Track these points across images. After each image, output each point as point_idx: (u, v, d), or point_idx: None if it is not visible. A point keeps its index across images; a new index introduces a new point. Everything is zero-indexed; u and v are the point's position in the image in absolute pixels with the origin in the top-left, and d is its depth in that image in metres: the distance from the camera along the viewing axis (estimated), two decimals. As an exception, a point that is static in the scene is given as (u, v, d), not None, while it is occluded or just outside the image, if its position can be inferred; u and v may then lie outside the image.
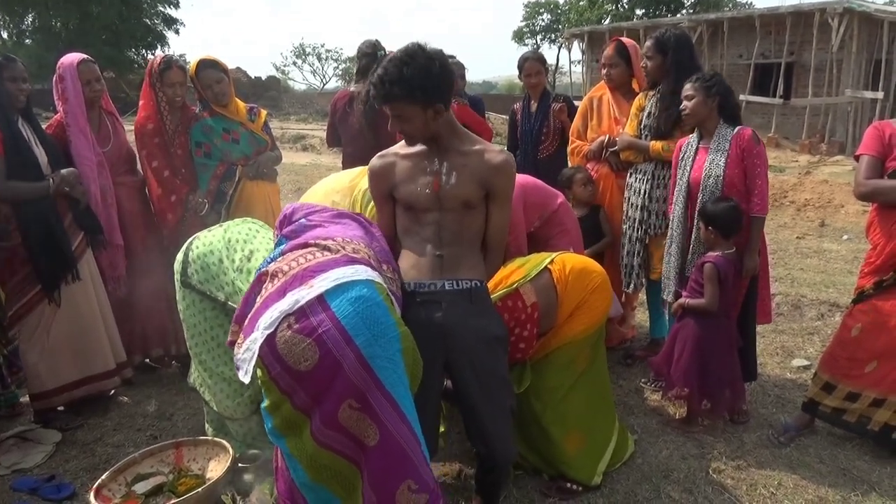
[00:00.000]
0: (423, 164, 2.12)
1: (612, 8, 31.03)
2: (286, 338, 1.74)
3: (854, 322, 2.87)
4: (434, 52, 2.00)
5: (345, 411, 1.77)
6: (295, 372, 1.75)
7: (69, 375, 3.17)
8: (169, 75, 3.52)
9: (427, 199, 2.10)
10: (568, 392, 2.64)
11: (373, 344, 1.76)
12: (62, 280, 3.07)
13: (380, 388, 1.78)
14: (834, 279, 5.57)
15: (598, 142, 3.63)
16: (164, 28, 31.12)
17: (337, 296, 1.76)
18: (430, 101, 1.99)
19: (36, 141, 3.07)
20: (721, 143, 2.98)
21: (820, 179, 10.06)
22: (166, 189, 3.59)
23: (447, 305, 2.08)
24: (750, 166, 2.95)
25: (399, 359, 1.83)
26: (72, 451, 3.02)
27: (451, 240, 2.11)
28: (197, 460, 2.70)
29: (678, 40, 3.36)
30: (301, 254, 1.93)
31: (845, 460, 2.86)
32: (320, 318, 1.73)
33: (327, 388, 1.76)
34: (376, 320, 1.77)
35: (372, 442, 1.80)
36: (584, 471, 2.63)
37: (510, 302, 2.46)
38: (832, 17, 14.75)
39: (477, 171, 2.08)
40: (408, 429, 1.83)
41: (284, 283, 1.82)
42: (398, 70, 1.94)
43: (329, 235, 2.01)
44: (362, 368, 1.75)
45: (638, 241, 3.53)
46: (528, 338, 2.50)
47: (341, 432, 1.81)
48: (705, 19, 18.00)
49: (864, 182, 2.73)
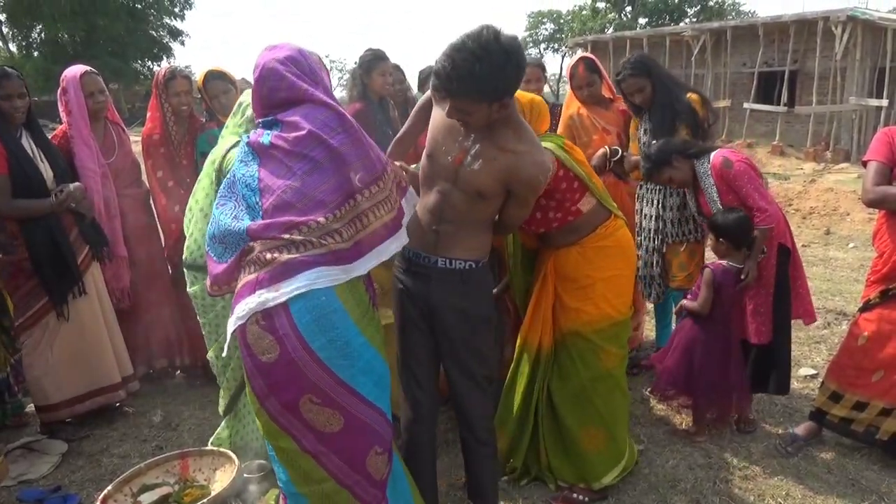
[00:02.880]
0: (457, 131, 2.02)
1: (614, 17, 31.18)
2: (253, 331, 1.87)
3: (860, 331, 2.86)
4: (510, 45, 1.79)
5: (305, 404, 1.89)
6: (258, 361, 1.88)
7: (74, 389, 3.17)
8: (174, 85, 3.56)
9: (446, 168, 2.04)
10: (591, 386, 2.62)
11: (328, 348, 1.87)
12: (69, 294, 3.08)
13: (339, 384, 1.89)
14: (840, 287, 5.55)
15: (599, 156, 3.63)
16: (170, 40, 31.42)
17: (297, 303, 1.84)
18: (499, 97, 1.84)
19: (41, 155, 3.06)
20: (706, 181, 3.03)
21: (825, 187, 10.03)
22: (170, 199, 3.61)
23: (436, 282, 2.12)
24: (736, 189, 2.97)
25: (361, 352, 1.92)
26: (78, 462, 3.02)
27: (453, 217, 2.08)
28: (202, 471, 2.70)
29: (651, 59, 3.51)
30: (270, 247, 1.88)
31: (854, 470, 2.84)
32: (282, 322, 1.85)
33: (286, 382, 1.87)
34: (333, 326, 1.87)
35: (336, 428, 1.91)
36: (593, 472, 2.64)
37: (576, 185, 2.49)
38: (835, 26, 14.76)
39: (503, 172, 2.00)
40: (369, 407, 1.95)
41: (255, 280, 1.89)
42: (469, 66, 1.74)
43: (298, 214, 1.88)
44: (320, 369, 1.86)
45: (655, 251, 3.53)
46: (549, 219, 2.54)
47: (300, 420, 1.90)
48: (709, 28, 18.00)
49: (873, 189, 2.71)
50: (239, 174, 2.03)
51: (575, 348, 2.62)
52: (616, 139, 3.70)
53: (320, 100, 1.98)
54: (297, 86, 1.99)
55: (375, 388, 1.97)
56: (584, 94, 3.72)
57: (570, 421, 2.65)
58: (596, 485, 2.63)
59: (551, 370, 2.70)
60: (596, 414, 2.64)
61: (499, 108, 1.89)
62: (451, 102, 1.88)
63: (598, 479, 2.64)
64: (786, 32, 16.16)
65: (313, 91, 2.00)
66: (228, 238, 1.98)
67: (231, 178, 2.08)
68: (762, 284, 3.05)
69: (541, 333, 2.69)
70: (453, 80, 1.79)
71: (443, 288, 2.12)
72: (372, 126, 3.71)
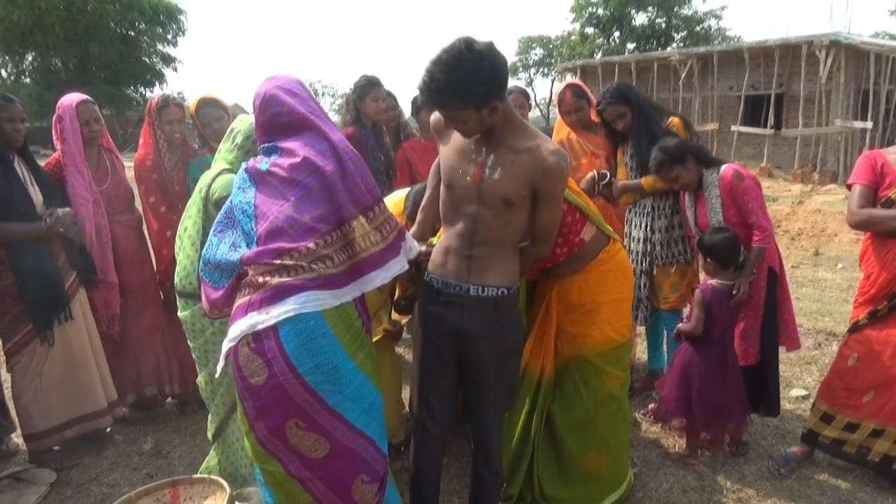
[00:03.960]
0: (469, 149, 2.03)
1: (603, 42, 31.60)
2: (245, 353, 1.91)
3: (850, 352, 2.88)
4: (482, 50, 1.82)
5: (291, 429, 1.91)
6: (248, 383, 1.91)
7: (60, 416, 3.14)
8: (167, 113, 3.58)
9: (467, 188, 2.02)
10: (594, 410, 2.62)
11: (315, 372, 1.88)
12: (55, 319, 3.07)
13: (326, 409, 1.91)
14: (830, 308, 5.58)
15: (588, 180, 3.68)
16: (163, 66, 31.59)
17: (286, 327, 1.87)
18: (485, 101, 1.86)
19: (32, 180, 3.07)
20: (711, 191, 3.06)
21: (813, 209, 10.14)
22: (162, 224, 3.61)
23: (468, 311, 2.08)
24: (741, 204, 3.01)
25: (350, 378, 1.93)
26: (67, 492, 2.98)
27: (485, 238, 2.05)
28: (193, 499, 2.66)
29: (628, 85, 3.62)
30: (262, 272, 1.92)
31: (847, 492, 2.84)
32: (271, 345, 1.88)
33: (273, 405, 1.89)
34: (320, 350, 1.89)
35: (322, 454, 1.93)
36: (593, 496, 2.65)
37: (578, 216, 2.52)
38: (819, 50, 15.04)
39: (525, 170, 1.97)
40: (358, 435, 1.96)
41: (247, 303, 1.93)
42: (445, 76, 1.80)
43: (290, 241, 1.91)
44: (307, 393, 1.88)
45: (643, 273, 3.56)
46: (556, 255, 2.54)
47: (286, 445, 1.92)
48: (695, 53, 18.31)
49: (858, 211, 2.75)
50: (236, 200, 2.08)
51: (578, 373, 2.63)
52: (605, 163, 3.75)
53: (318, 126, 2.03)
54: (296, 111, 2.05)
55: (364, 416, 1.98)
56: (572, 119, 3.77)
57: (573, 447, 2.64)
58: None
59: (552, 397, 2.70)
60: (600, 439, 2.64)
61: (490, 113, 1.90)
62: (442, 113, 1.96)
63: (599, 503, 2.64)
64: (771, 57, 16.45)
65: (313, 118, 2.05)
66: (224, 266, 2.03)
67: (229, 206, 2.13)
68: (751, 307, 3.08)
69: (543, 361, 2.69)
70: (434, 93, 1.86)
71: (476, 317, 2.07)
72: (364, 151, 3.74)
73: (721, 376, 2.98)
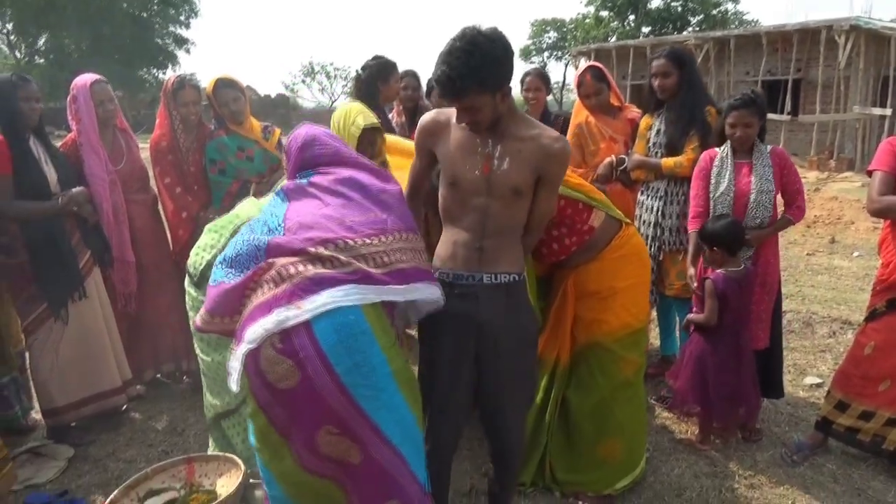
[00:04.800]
0: (475, 143, 2.02)
1: (618, 26, 31.24)
2: (268, 356, 1.73)
3: (867, 340, 2.86)
4: (492, 34, 1.88)
5: (324, 437, 1.76)
6: (274, 389, 1.75)
7: (78, 393, 3.18)
8: (182, 94, 3.58)
9: (475, 182, 2.02)
10: (610, 396, 2.63)
11: (353, 372, 1.73)
12: (69, 298, 3.10)
13: (361, 415, 1.76)
14: (845, 296, 5.54)
15: (606, 164, 3.65)
16: (175, 48, 31.60)
17: (322, 321, 1.72)
18: (500, 85, 1.90)
19: (47, 159, 3.10)
20: (764, 159, 3.02)
21: (829, 196, 10.04)
22: (178, 205, 3.63)
23: (484, 300, 2.06)
24: (790, 182, 3.05)
25: (385, 383, 1.79)
26: (84, 467, 3.03)
27: (495, 230, 2.05)
28: (208, 476, 2.70)
29: (690, 55, 3.45)
30: (293, 261, 1.80)
31: (860, 480, 2.84)
32: (303, 342, 1.71)
33: (305, 411, 1.75)
34: (359, 349, 1.74)
35: (355, 461, 1.80)
36: (606, 480, 2.66)
37: (581, 206, 2.50)
38: (839, 35, 14.78)
39: (532, 157, 2.00)
40: (391, 452, 1.81)
41: (272, 298, 1.76)
42: (464, 62, 1.82)
43: (327, 231, 1.84)
44: (342, 395, 1.73)
45: (651, 257, 3.53)
46: (566, 246, 2.55)
47: (322, 458, 1.80)
48: (712, 37, 18.05)
49: (878, 199, 2.71)
50: (264, 216, 2.00)
51: (595, 359, 2.64)
52: (623, 148, 3.72)
53: (362, 163, 2.07)
54: (342, 150, 2.08)
55: (398, 430, 1.82)
56: (591, 102, 3.73)
57: (588, 433, 2.66)
58: (607, 490, 2.65)
59: (567, 383, 2.71)
60: (616, 425, 2.64)
61: (502, 98, 1.93)
62: (460, 104, 1.92)
63: (612, 486, 2.66)
64: (789, 41, 16.19)
65: (356, 157, 2.08)
66: (243, 255, 1.87)
67: (252, 221, 2.07)
68: (766, 290, 3.06)
69: (559, 349, 2.70)
70: (455, 81, 1.84)
71: (491, 305, 2.06)
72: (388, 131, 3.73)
73: (735, 364, 2.97)
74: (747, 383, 3.00)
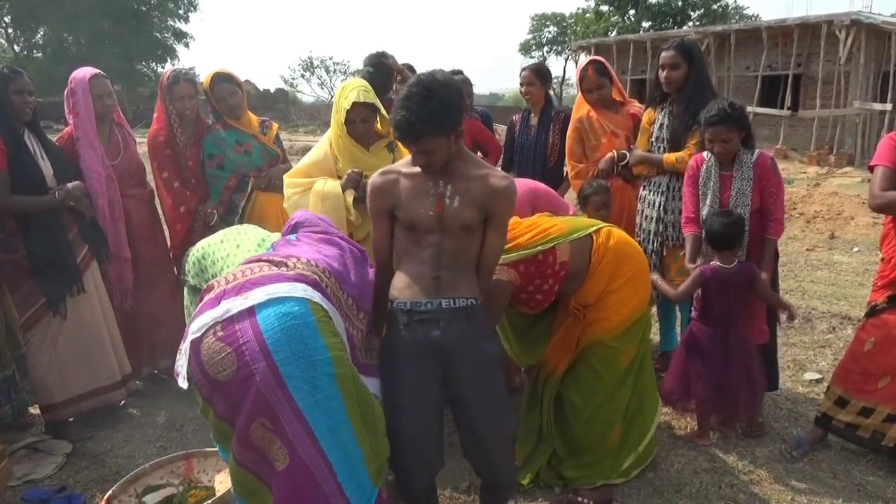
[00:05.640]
0: (426, 186, 2.10)
1: (618, 20, 31.19)
2: (209, 344, 1.76)
3: (867, 336, 2.85)
4: (445, 78, 2.00)
5: (257, 430, 1.75)
6: (213, 381, 1.76)
7: (76, 388, 3.18)
8: (177, 89, 3.55)
9: (429, 221, 2.08)
10: (615, 390, 2.65)
11: (291, 363, 1.72)
12: (67, 293, 3.08)
13: (293, 411, 1.74)
14: (845, 291, 5.53)
15: (607, 160, 3.63)
16: (174, 42, 31.52)
17: (266, 308, 1.75)
18: (454, 127, 1.99)
19: (42, 154, 3.08)
20: (745, 172, 2.97)
21: (829, 191, 10.02)
22: (176, 200, 3.62)
23: (445, 324, 2.06)
24: (766, 194, 2.97)
25: (325, 383, 1.78)
26: (82, 463, 3.02)
27: (450, 262, 2.09)
28: (207, 472, 2.70)
29: (699, 49, 3.42)
30: (249, 267, 1.93)
31: (859, 475, 2.83)
32: (244, 326, 1.73)
33: (242, 402, 1.74)
34: (300, 339, 1.75)
35: (281, 466, 1.77)
36: (612, 467, 2.69)
37: (541, 257, 2.48)
38: (839, 30, 14.75)
39: (479, 196, 2.07)
40: (321, 457, 1.78)
41: (222, 293, 1.83)
42: (423, 106, 1.91)
43: (292, 254, 2.02)
44: (276, 386, 1.72)
45: (653, 253, 3.52)
46: (547, 292, 2.54)
47: (254, 452, 1.80)
48: (712, 31, 18.01)
49: (880, 194, 2.68)
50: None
51: (594, 357, 2.64)
52: (625, 143, 3.70)
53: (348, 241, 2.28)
54: (329, 229, 2.26)
55: (330, 435, 1.78)
56: (593, 97, 3.71)
57: (598, 429, 2.67)
58: (616, 475, 2.69)
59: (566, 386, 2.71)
60: (619, 414, 2.68)
61: (455, 139, 2.02)
62: (418, 147, 1.99)
63: (619, 469, 2.69)
64: (789, 36, 16.16)
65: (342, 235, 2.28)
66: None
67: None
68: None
69: (558, 361, 2.72)
70: (415, 124, 1.92)
71: (452, 330, 2.06)
72: None
73: (722, 356, 2.94)
74: (736, 377, 2.94)
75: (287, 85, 40.18)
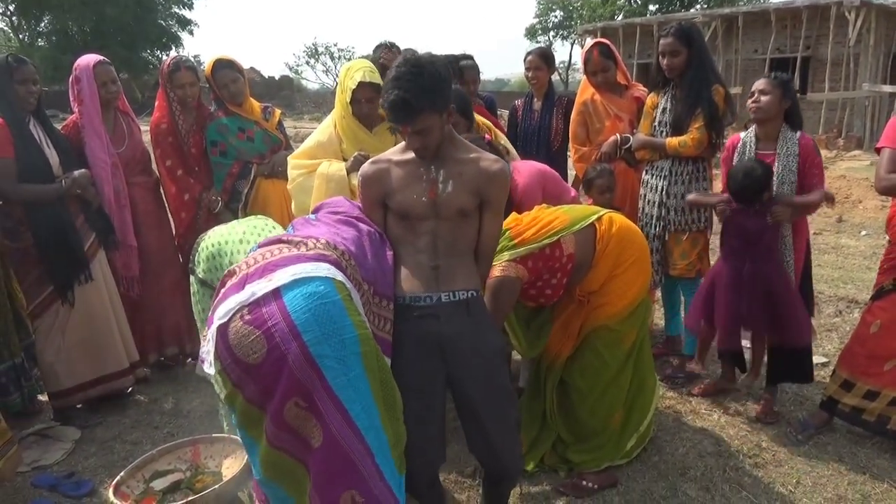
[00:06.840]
0: (418, 172, 2.07)
1: (624, 4, 30.86)
2: (237, 328, 1.73)
3: (873, 318, 2.84)
4: (432, 57, 1.99)
5: (290, 409, 1.74)
6: (244, 364, 1.73)
7: (84, 375, 3.20)
8: (178, 77, 3.54)
9: (423, 208, 2.05)
10: (618, 373, 2.67)
11: (322, 342, 1.71)
12: (75, 281, 3.10)
13: (326, 390, 1.73)
14: (852, 275, 5.51)
15: (610, 143, 3.60)
16: (179, 29, 31.45)
17: (292, 290, 1.74)
18: (446, 104, 1.97)
19: (48, 142, 3.08)
20: (790, 149, 2.95)
21: (837, 174, 9.94)
22: (180, 187, 3.62)
23: (445, 318, 2.04)
24: (809, 176, 2.96)
25: (354, 362, 1.77)
26: (91, 449, 3.05)
27: (447, 250, 2.07)
28: (214, 458, 2.71)
29: (699, 32, 3.38)
30: (269, 249, 1.92)
31: (865, 458, 2.83)
32: (271, 309, 1.71)
33: (274, 383, 1.73)
34: (329, 318, 1.73)
35: (316, 443, 1.76)
36: (616, 449, 2.71)
37: (548, 251, 2.48)
38: (849, 11, 14.57)
39: (473, 180, 2.05)
40: (354, 435, 1.76)
41: (245, 276, 1.82)
42: (415, 83, 1.88)
43: (311, 234, 1.98)
44: (308, 366, 1.71)
45: (656, 237, 3.50)
46: (556, 286, 2.54)
47: (289, 432, 1.78)
48: (720, 14, 17.83)
49: (887, 176, 2.66)
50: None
51: (599, 341, 2.65)
52: (628, 126, 3.68)
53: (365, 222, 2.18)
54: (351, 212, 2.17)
55: (364, 415, 1.77)
56: (598, 79, 3.69)
57: (601, 413, 2.68)
58: (619, 456, 2.71)
59: (569, 372, 2.72)
60: (622, 396, 2.70)
61: (447, 118, 2.01)
62: (413, 127, 1.96)
63: (623, 450, 2.72)
64: (798, 18, 15.97)
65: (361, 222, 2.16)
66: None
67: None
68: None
69: (561, 347, 2.72)
70: (410, 101, 1.89)
71: (453, 323, 2.04)
72: None
73: (736, 288, 2.99)
74: (754, 308, 2.96)
75: (292, 72, 40.13)
